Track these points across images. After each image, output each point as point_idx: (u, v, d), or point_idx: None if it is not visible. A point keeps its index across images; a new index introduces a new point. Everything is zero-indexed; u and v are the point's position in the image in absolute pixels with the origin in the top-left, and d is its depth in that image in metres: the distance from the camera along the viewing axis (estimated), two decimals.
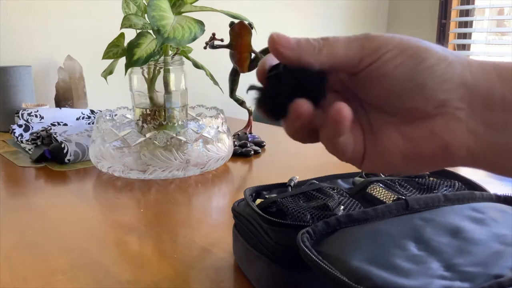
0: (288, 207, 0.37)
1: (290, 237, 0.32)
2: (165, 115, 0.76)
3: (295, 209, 0.37)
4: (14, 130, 0.93)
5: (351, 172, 0.49)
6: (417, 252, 0.28)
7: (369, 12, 2.19)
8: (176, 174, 0.71)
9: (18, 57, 1.30)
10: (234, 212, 0.43)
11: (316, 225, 0.31)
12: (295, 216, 0.36)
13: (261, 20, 1.81)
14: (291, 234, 0.32)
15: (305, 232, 0.30)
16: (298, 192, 0.41)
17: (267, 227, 0.36)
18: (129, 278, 0.41)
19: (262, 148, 0.93)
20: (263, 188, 0.45)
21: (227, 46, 0.87)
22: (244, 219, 0.40)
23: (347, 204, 0.38)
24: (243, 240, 0.40)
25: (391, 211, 0.33)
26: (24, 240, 0.49)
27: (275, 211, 0.39)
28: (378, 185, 0.42)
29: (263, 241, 0.37)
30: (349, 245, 0.29)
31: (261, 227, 0.37)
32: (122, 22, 0.73)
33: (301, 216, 0.36)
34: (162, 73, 0.76)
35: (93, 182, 0.71)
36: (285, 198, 0.39)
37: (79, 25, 1.39)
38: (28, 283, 0.40)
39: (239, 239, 0.41)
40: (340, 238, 0.30)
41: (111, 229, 0.52)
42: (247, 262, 0.40)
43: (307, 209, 0.37)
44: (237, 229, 0.42)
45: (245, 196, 0.41)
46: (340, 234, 0.31)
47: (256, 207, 0.38)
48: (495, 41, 2.05)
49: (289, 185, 0.45)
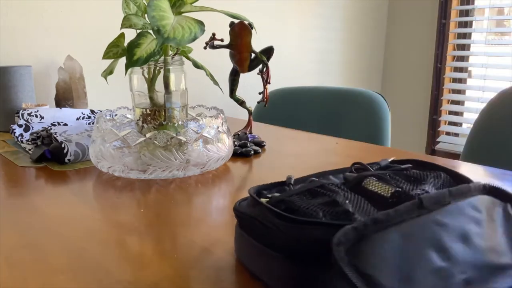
0: (298, 204, 0.37)
1: (306, 234, 0.33)
2: (165, 115, 0.76)
3: (306, 206, 0.37)
4: (14, 130, 0.93)
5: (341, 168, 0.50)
6: (440, 264, 0.29)
7: (369, 12, 2.19)
8: (176, 174, 0.71)
9: (18, 57, 1.30)
10: (237, 212, 0.43)
11: (346, 232, 0.31)
12: (307, 213, 0.36)
13: (261, 20, 1.82)
14: (307, 231, 0.33)
15: (339, 240, 0.30)
16: (303, 189, 0.40)
17: (283, 225, 0.35)
18: (129, 278, 0.41)
19: (262, 148, 0.93)
20: (263, 188, 0.45)
21: (227, 46, 0.87)
22: (252, 218, 0.40)
23: (352, 200, 0.38)
24: (253, 240, 0.40)
25: (409, 211, 0.33)
26: (24, 240, 0.49)
27: (284, 209, 0.38)
28: (372, 178, 0.42)
29: (278, 240, 0.36)
30: (379, 259, 0.29)
31: (275, 226, 0.37)
32: (122, 22, 0.73)
33: (313, 213, 0.36)
34: (162, 73, 0.76)
35: (93, 182, 0.71)
36: (292, 196, 0.39)
37: (79, 25, 1.39)
38: (28, 283, 0.40)
39: (246, 239, 0.41)
40: (370, 248, 0.30)
41: (111, 229, 0.52)
42: (258, 261, 0.40)
43: (316, 206, 0.37)
44: (243, 229, 0.42)
45: (252, 195, 0.41)
46: (369, 243, 0.31)
47: (270, 206, 0.38)
48: (495, 41, 2.05)
49: (290, 184, 0.45)
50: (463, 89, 2.07)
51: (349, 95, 1.47)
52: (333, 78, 2.12)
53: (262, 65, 0.92)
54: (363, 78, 2.25)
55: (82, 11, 1.39)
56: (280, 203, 0.39)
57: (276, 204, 0.39)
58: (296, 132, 1.14)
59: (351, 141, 1.01)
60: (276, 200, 0.39)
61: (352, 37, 2.15)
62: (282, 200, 0.39)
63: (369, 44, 2.24)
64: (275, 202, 0.39)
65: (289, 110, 1.55)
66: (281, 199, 0.39)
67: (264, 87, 0.95)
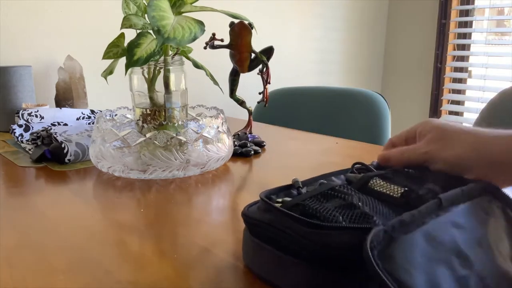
0: (315, 208, 0.36)
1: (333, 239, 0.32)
2: (165, 115, 0.76)
3: (324, 210, 0.36)
4: (14, 130, 0.93)
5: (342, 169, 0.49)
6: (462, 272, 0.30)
7: (369, 12, 2.19)
8: (176, 174, 0.71)
9: (18, 57, 1.30)
10: (248, 218, 0.40)
11: (377, 235, 0.30)
12: (327, 218, 0.35)
13: (261, 20, 1.82)
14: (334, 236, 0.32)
15: (372, 245, 0.29)
16: (315, 193, 0.39)
17: (306, 231, 0.34)
18: (129, 278, 0.41)
19: (262, 148, 0.93)
20: (272, 192, 0.44)
21: (227, 46, 0.87)
22: (267, 225, 0.38)
23: (365, 201, 0.38)
24: (268, 246, 0.38)
25: (430, 212, 0.33)
26: (24, 240, 0.49)
27: (300, 214, 0.37)
28: (377, 179, 0.42)
29: (298, 246, 0.35)
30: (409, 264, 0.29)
31: (295, 232, 0.35)
32: (122, 22, 0.73)
33: (332, 217, 0.35)
34: (162, 73, 0.76)
35: (93, 182, 0.71)
36: (306, 200, 0.38)
37: (79, 25, 1.39)
38: (28, 283, 0.40)
39: (260, 245, 0.39)
40: (401, 252, 0.30)
41: (111, 229, 0.52)
42: (275, 269, 0.38)
43: (334, 210, 0.36)
44: (256, 236, 0.40)
45: (265, 200, 0.39)
46: (400, 247, 0.30)
47: (292, 213, 0.36)
48: (495, 41, 2.05)
49: (299, 187, 0.44)
50: (463, 89, 2.07)
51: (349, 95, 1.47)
52: (333, 78, 2.12)
53: (262, 65, 0.92)
54: (363, 78, 2.25)
55: (82, 11, 1.39)
56: (295, 207, 0.38)
57: (291, 208, 0.37)
58: (296, 132, 1.14)
59: (351, 141, 1.01)
60: (290, 205, 0.38)
61: (352, 37, 2.15)
62: (296, 204, 0.38)
63: (369, 44, 2.23)
64: (290, 206, 0.38)
65: (289, 110, 1.55)
66: (296, 204, 0.38)
67: (264, 87, 0.95)
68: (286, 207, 0.38)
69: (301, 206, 0.37)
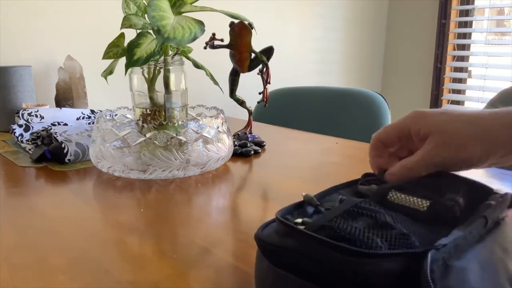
0: (347, 231, 0.31)
1: (381, 268, 0.28)
2: (165, 115, 0.76)
3: (356, 232, 0.31)
4: (14, 130, 0.93)
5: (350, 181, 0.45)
6: None
7: (369, 12, 2.19)
8: (176, 174, 0.71)
9: (18, 57, 1.30)
10: (265, 243, 0.34)
11: (435, 262, 0.27)
12: (364, 242, 0.30)
13: (261, 20, 1.82)
14: (382, 264, 0.28)
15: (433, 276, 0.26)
16: (340, 211, 0.34)
17: (345, 260, 0.29)
18: (129, 278, 0.41)
19: (262, 148, 0.93)
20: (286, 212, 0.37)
21: (227, 46, 0.87)
22: (293, 252, 0.32)
23: (396, 219, 0.33)
24: (297, 278, 0.31)
25: (478, 232, 0.31)
26: (24, 240, 0.49)
27: (328, 237, 0.31)
28: (394, 191, 0.38)
29: (338, 276, 0.30)
30: None
31: (330, 260, 0.30)
32: (122, 22, 0.73)
33: (371, 241, 0.30)
34: (162, 73, 0.76)
35: (93, 182, 0.71)
36: (331, 220, 0.32)
37: (79, 25, 1.39)
38: (28, 283, 0.40)
39: (286, 276, 0.32)
40: (460, 283, 0.27)
41: (111, 229, 0.52)
42: None
43: (367, 231, 0.31)
44: (279, 265, 0.33)
45: (287, 223, 0.33)
46: (458, 276, 0.28)
47: (329, 240, 0.30)
48: (495, 41, 2.05)
49: (317, 205, 0.38)
50: (463, 89, 2.07)
51: (349, 95, 1.47)
52: (333, 78, 2.12)
53: (262, 65, 0.92)
54: (363, 78, 2.25)
55: (82, 11, 1.39)
56: (320, 230, 0.32)
57: (317, 232, 0.32)
58: (296, 132, 1.14)
59: (351, 141, 1.01)
60: (315, 227, 0.32)
61: (352, 37, 2.15)
62: (322, 226, 0.32)
63: (369, 44, 2.23)
64: (314, 229, 0.32)
65: (289, 110, 1.55)
66: (321, 225, 0.32)
67: (264, 87, 0.95)
68: (311, 230, 0.32)
69: (327, 228, 0.32)
